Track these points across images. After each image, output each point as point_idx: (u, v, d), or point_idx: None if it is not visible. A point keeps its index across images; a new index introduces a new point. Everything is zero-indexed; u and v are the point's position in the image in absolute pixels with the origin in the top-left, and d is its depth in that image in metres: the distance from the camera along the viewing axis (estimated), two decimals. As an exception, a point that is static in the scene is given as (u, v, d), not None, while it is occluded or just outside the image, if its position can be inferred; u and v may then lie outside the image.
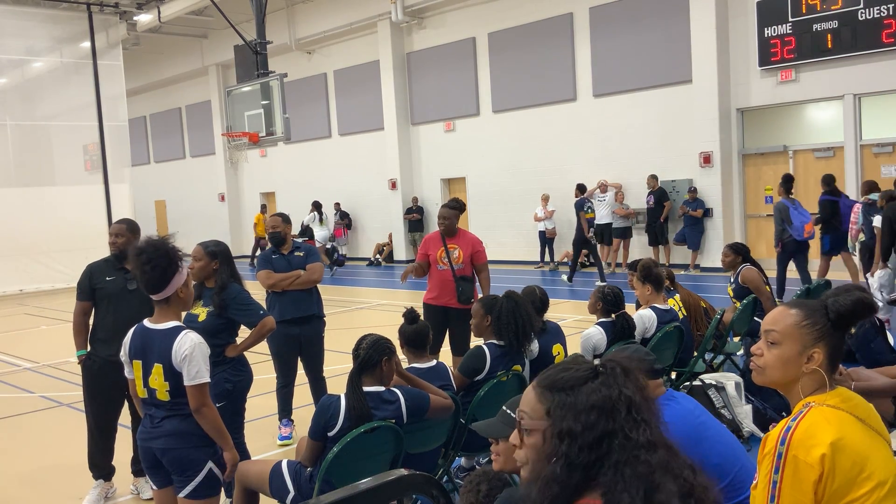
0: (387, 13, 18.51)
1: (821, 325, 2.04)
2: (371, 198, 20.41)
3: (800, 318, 2.06)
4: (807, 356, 2.04)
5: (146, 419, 3.37)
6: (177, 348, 3.20)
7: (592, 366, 1.60)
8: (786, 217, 10.29)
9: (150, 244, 3.27)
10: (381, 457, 3.53)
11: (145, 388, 3.30)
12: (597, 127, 15.89)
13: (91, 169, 17.99)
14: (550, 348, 4.75)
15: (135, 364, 3.32)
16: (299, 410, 6.01)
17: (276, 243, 5.81)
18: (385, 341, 3.62)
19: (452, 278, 6.22)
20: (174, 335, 3.24)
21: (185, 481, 3.31)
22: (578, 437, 1.49)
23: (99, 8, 17.51)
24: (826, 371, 2.04)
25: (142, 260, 3.23)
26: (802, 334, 2.04)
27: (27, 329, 12.69)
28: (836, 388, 2.07)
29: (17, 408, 7.44)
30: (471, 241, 6.40)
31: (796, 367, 2.05)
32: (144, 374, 3.29)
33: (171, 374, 3.21)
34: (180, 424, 3.27)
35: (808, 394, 2.05)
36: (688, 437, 2.48)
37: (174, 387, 3.22)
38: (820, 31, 12.76)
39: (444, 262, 6.28)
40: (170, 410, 3.27)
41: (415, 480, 2.32)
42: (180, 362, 3.20)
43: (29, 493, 5.23)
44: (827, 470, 1.88)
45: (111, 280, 4.72)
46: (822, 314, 2.05)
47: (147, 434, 3.34)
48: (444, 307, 6.24)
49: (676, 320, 5.39)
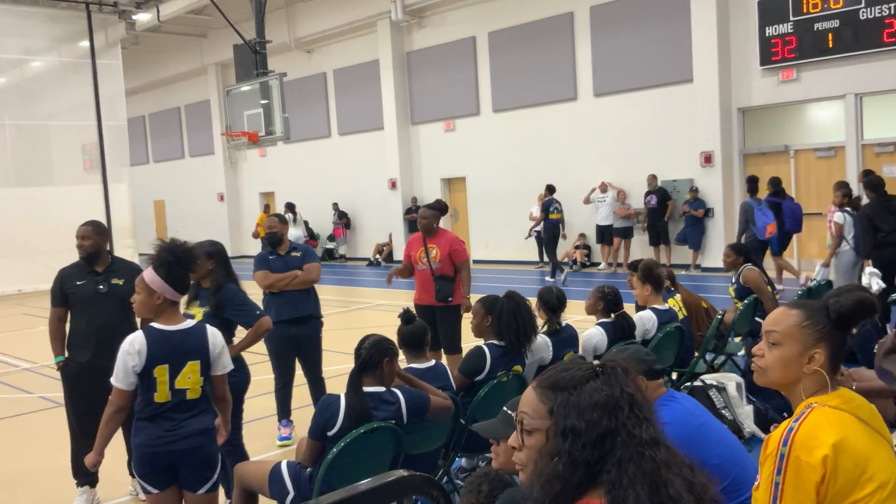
0: (387, 12, 18.50)
1: (822, 326, 2.03)
2: (371, 198, 20.40)
3: (801, 318, 2.05)
4: (808, 357, 2.03)
5: (161, 424, 3.28)
6: (213, 342, 3.37)
7: (593, 366, 1.61)
8: (750, 217, 10.64)
9: (176, 247, 3.38)
10: (381, 457, 3.52)
11: (170, 391, 3.27)
12: (597, 127, 15.88)
13: (90, 169, 17.96)
14: (562, 355, 4.74)
15: (158, 369, 3.24)
16: (298, 411, 5.99)
17: (273, 244, 5.81)
18: (387, 342, 3.63)
19: (431, 278, 6.29)
20: (203, 331, 3.39)
21: (207, 477, 3.39)
22: (582, 435, 1.50)
23: (98, 7, 17.48)
24: (827, 372, 2.03)
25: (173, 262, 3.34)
26: (803, 335, 2.03)
27: (26, 329, 12.67)
28: (838, 389, 2.06)
29: (15, 408, 7.43)
30: (449, 240, 6.43)
31: (797, 368, 2.04)
32: (171, 377, 3.26)
33: (207, 368, 3.34)
34: (204, 421, 3.37)
35: (810, 395, 2.05)
36: (689, 438, 2.47)
37: (206, 382, 3.35)
38: (821, 31, 12.75)
39: (423, 261, 6.34)
40: (194, 409, 3.33)
41: (415, 481, 2.31)
42: (217, 354, 3.37)
43: (29, 493, 5.22)
44: (829, 471, 1.87)
45: (82, 284, 4.67)
46: (823, 314, 2.04)
47: (166, 438, 3.28)
48: (430, 306, 6.33)
49: (676, 320, 5.38)
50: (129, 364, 3.22)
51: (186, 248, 3.41)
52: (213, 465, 3.43)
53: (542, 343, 4.68)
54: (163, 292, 3.31)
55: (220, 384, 3.45)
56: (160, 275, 3.31)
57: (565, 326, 4.91)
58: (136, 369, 3.23)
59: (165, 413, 3.28)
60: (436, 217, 6.44)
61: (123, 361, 3.23)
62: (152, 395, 3.26)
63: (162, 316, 3.32)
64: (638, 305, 5.71)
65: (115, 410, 3.29)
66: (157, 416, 3.28)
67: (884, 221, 8.02)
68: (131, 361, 3.22)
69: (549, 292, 4.87)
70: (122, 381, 3.25)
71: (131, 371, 3.23)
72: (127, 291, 4.75)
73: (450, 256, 6.32)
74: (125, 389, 3.26)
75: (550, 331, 4.82)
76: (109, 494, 4.97)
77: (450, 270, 6.32)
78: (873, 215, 8.09)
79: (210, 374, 3.38)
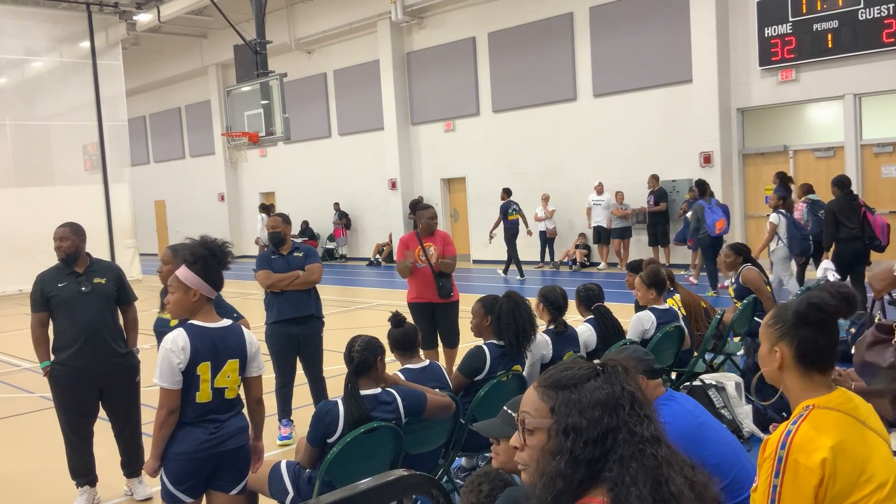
0: (387, 13, 18.50)
1: (781, 324, 2.08)
2: (371, 198, 20.40)
3: (769, 318, 2.14)
4: (774, 354, 2.08)
5: (206, 427, 3.18)
6: (249, 341, 3.32)
7: (594, 364, 1.62)
8: (701, 216, 11.77)
9: (210, 241, 3.31)
10: (381, 457, 3.52)
11: (211, 391, 3.18)
12: (597, 127, 15.88)
13: (90, 169, 17.97)
14: (562, 355, 4.75)
15: (202, 366, 3.14)
16: (299, 410, 6.00)
17: (276, 244, 5.82)
18: (375, 340, 3.63)
19: (432, 275, 6.46)
20: (239, 330, 3.34)
21: (243, 476, 3.37)
22: (583, 433, 1.51)
23: (98, 8, 17.50)
24: (797, 366, 2.05)
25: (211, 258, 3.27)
26: (769, 333, 2.10)
27: (27, 329, 12.65)
28: (836, 390, 2.07)
29: (16, 408, 7.43)
30: (442, 238, 6.68)
31: (770, 365, 2.10)
32: (213, 374, 3.18)
33: (244, 367, 3.29)
34: (242, 419, 3.35)
35: (796, 393, 2.07)
36: (688, 438, 2.47)
37: (239, 381, 3.31)
38: (820, 31, 12.76)
39: (422, 259, 6.51)
40: (232, 408, 3.30)
41: (415, 481, 2.31)
42: (253, 355, 3.32)
43: (29, 493, 5.23)
44: (828, 474, 1.88)
45: (63, 286, 4.64)
46: (785, 313, 2.10)
47: (212, 441, 3.19)
48: (429, 303, 6.52)
49: (676, 320, 5.39)
50: (175, 361, 3.10)
51: (220, 243, 3.31)
52: (248, 464, 3.40)
53: (541, 341, 4.69)
54: (199, 289, 3.20)
55: (257, 386, 3.37)
56: (195, 270, 3.19)
57: (568, 327, 4.93)
58: (182, 367, 3.11)
59: (209, 415, 3.19)
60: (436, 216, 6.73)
61: (168, 360, 3.10)
62: (194, 395, 3.16)
63: (199, 313, 3.23)
64: (638, 305, 5.72)
65: (168, 412, 3.13)
66: (200, 419, 3.18)
67: (847, 218, 8.64)
68: (176, 359, 3.10)
69: (553, 292, 4.87)
70: (169, 380, 3.11)
71: (177, 369, 3.10)
72: (110, 290, 4.77)
73: (444, 252, 6.57)
74: (172, 389, 3.12)
75: (558, 330, 4.83)
76: (106, 495, 4.98)
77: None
78: (838, 211, 8.71)
79: (245, 375, 3.31)
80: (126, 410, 4.87)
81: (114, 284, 4.82)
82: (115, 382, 4.78)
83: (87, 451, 4.81)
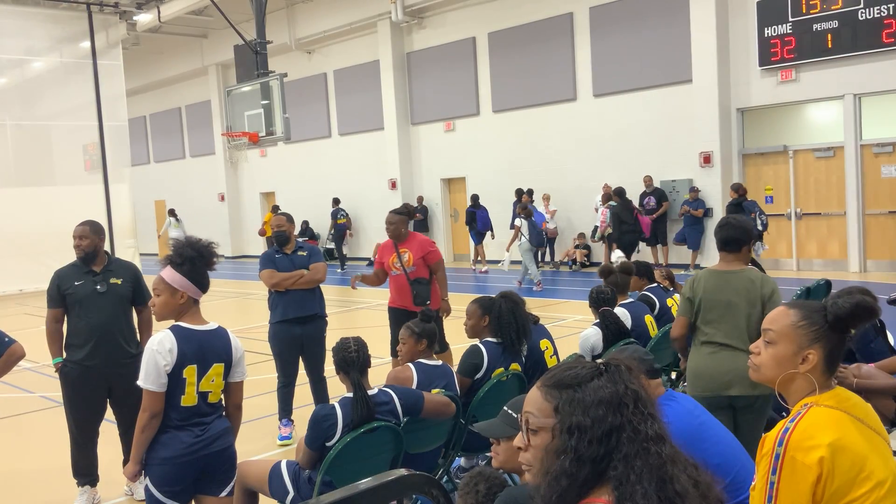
0: (387, 13, 18.50)
1: (817, 327, 2.03)
2: (371, 198, 20.39)
3: (797, 318, 2.06)
4: (801, 357, 2.04)
5: (192, 430, 3.14)
6: (235, 345, 3.27)
7: (597, 364, 1.62)
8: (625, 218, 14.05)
9: (196, 242, 3.26)
10: (381, 457, 3.53)
11: (197, 394, 3.14)
12: (597, 127, 15.89)
13: (91, 169, 17.96)
14: (538, 343, 4.78)
15: (188, 369, 3.09)
16: (300, 410, 5.99)
17: (281, 243, 5.83)
18: (360, 338, 3.65)
19: (407, 282, 6.26)
20: (225, 333, 3.28)
21: (230, 478, 3.33)
22: (587, 431, 1.50)
23: (99, 8, 17.49)
24: (822, 373, 2.04)
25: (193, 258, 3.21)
26: (798, 335, 2.04)
27: (27, 329, 12.64)
28: (834, 389, 2.07)
29: (16, 408, 7.44)
30: (420, 243, 6.43)
31: (791, 368, 2.05)
32: (199, 378, 3.13)
33: (227, 372, 3.24)
34: (225, 421, 3.31)
35: (804, 395, 2.05)
36: (688, 437, 2.47)
37: (223, 385, 3.26)
38: (820, 31, 12.76)
39: (396, 266, 6.32)
40: (216, 411, 3.26)
41: (415, 480, 2.31)
42: (238, 360, 3.27)
43: (29, 493, 5.23)
44: (826, 471, 1.88)
45: (80, 284, 4.65)
46: (820, 315, 2.05)
47: (198, 444, 3.14)
48: (405, 310, 6.27)
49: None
50: (161, 363, 3.04)
51: (206, 243, 3.25)
52: (235, 465, 3.36)
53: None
54: (186, 290, 3.15)
55: (238, 392, 3.34)
56: (182, 272, 3.14)
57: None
58: (168, 369, 3.05)
59: (193, 418, 3.15)
60: (403, 222, 6.44)
61: (154, 362, 3.04)
62: (179, 399, 3.10)
63: (185, 316, 3.17)
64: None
65: (151, 415, 3.07)
66: (185, 423, 3.13)
67: (626, 218, 13.75)
68: (162, 360, 3.05)
69: (514, 294, 4.75)
70: (154, 383, 3.05)
71: (163, 371, 3.05)
72: (125, 291, 4.77)
73: (423, 259, 6.31)
74: (157, 391, 3.06)
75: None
76: (107, 495, 4.98)
77: (425, 273, 6.31)
78: (620, 213, 13.81)
79: (228, 380, 3.26)
80: (133, 410, 4.86)
81: (130, 285, 4.81)
82: (125, 382, 4.77)
83: (91, 450, 4.82)
